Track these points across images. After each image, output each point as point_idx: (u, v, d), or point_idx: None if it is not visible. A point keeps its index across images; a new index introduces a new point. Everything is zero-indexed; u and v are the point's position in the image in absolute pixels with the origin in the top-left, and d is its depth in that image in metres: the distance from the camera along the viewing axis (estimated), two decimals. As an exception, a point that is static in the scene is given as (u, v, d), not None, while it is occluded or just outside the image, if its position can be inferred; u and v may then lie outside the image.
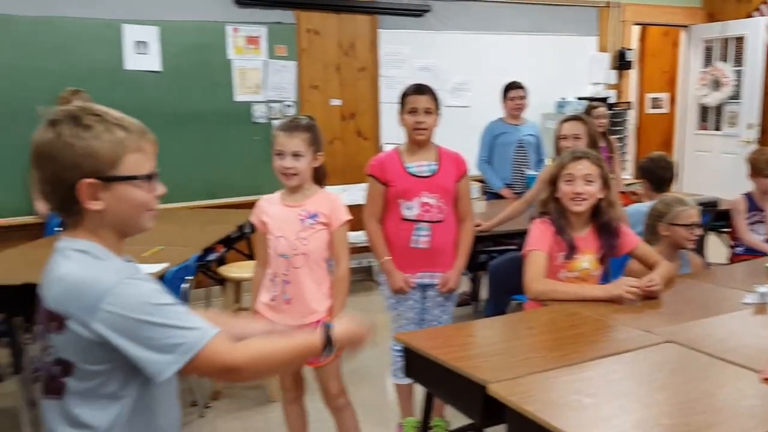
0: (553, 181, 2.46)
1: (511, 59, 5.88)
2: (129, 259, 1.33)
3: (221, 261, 3.99)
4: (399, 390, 2.92)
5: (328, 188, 2.54)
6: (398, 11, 5.56)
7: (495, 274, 3.11)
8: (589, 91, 6.43)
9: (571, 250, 2.39)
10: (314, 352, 1.35)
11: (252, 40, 5.05)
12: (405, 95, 2.75)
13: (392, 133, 5.50)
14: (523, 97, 4.75)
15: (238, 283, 3.79)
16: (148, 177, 1.27)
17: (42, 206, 4.20)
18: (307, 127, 2.37)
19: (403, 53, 5.66)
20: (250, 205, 4.70)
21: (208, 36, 4.88)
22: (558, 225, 2.41)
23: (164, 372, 1.20)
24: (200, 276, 3.69)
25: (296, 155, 2.33)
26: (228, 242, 3.95)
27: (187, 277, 3.08)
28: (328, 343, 1.36)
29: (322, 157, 2.42)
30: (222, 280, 3.86)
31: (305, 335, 1.38)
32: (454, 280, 2.79)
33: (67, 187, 1.21)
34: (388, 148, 5.51)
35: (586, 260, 2.42)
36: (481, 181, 4.89)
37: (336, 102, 5.46)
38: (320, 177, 2.47)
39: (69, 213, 1.25)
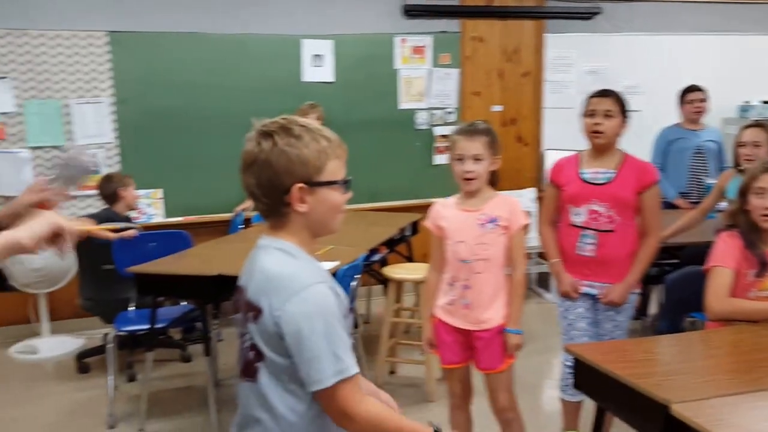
0: (743, 192, 2.30)
1: (687, 61, 5.52)
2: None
3: (383, 262, 4.16)
4: (566, 405, 2.86)
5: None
6: (567, 15, 5.46)
7: (672, 289, 2.96)
8: (777, 95, 5.86)
9: (763, 267, 2.21)
10: None
11: (418, 50, 5.21)
12: (588, 98, 2.70)
13: (555, 138, 5.43)
14: (703, 101, 4.46)
15: (399, 284, 3.91)
16: (345, 182, 1.37)
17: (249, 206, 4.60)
18: (486, 131, 2.37)
19: (570, 57, 5.54)
20: (411, 209, 4.91)
21: (377, 47, 5.11)
22: (748, 239, 2.24)
23: (309, 386, 1.28)
24: (363, 275, 3.87)
25: (476, 159, 2.33)
26: (390, 244, 4.11)
27: (355, 276, 3.25)
28: None
29: (499, 161, 2.40)
30: (384, 280, 4.02)
31: (420, 427, 1.37)
32: (618, 293, 2.64)
33: (280, 191, 1.31)
34: (550, 153, 5.45)
35: None
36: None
37: (497, 108, 5.47)
38: (494, 181, 2.45)
39: (275, 214, 1.36)
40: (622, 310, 2.71)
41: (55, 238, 1.32)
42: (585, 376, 1.95)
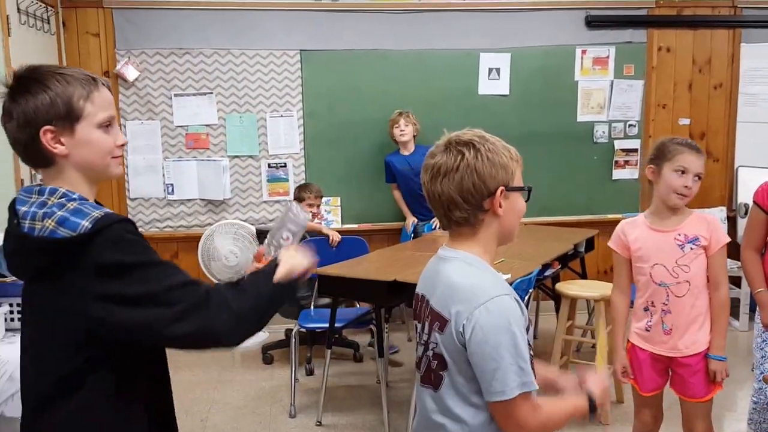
0: None
1: None
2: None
3: (555, 277, 4.07)
4: None
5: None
6: (766, 24, 5.03)
7: None
8: None
9: None
10: (581, 415, 1.41)
11: (599, 61, 5.05)
12: None
13: (749, 154, 5.05)
14: None
15: (573, 301, 3.81)
16: (529, 189, 1.41)
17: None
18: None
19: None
20: (586, 225, 4.75)
21: (556, 59, 5.02)
22: None
23: (489, 396, 1.29)
24: (534, 290, 3.80)
25: (698, 177, 2.25)
26: (563, 259, 4.02)
27: (528, 290, 3.22)
28: (593, 409, 1.40)
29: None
30: (556, 296, 3.93)
31: (577, 401, 1.42)
32: None
33: (484, 196, 1.33)
34: (742, 171, 5.03)
35: None
36: None
37: (684, 121, 5.17)
38: None
39: (464, 224, 1.37)
40: None
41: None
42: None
